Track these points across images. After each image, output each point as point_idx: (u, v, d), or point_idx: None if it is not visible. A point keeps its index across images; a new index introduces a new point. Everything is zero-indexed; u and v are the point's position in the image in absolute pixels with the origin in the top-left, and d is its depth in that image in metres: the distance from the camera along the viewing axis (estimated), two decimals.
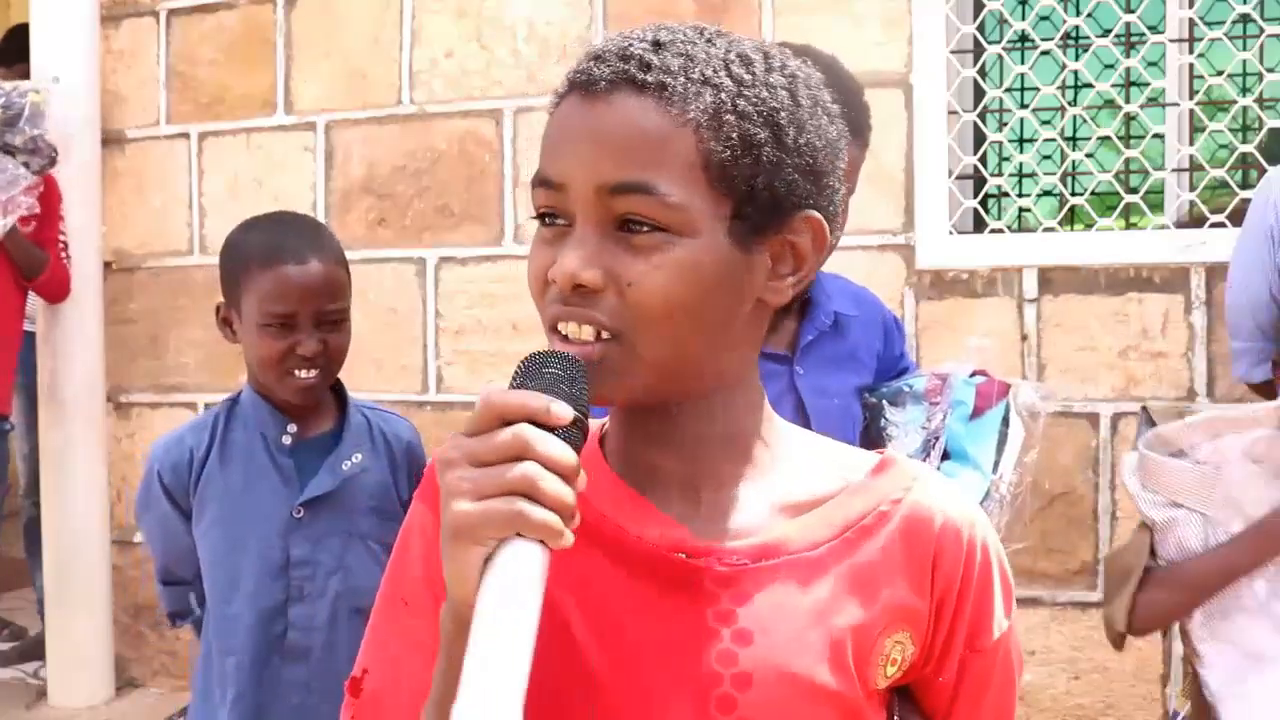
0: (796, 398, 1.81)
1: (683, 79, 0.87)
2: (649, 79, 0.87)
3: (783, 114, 0.89)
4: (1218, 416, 1.77)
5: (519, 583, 0.76)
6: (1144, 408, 1.99)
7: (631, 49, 0.89)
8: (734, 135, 0.87)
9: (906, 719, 0.97)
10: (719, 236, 0.87)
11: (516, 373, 0.83)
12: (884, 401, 1.88)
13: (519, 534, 0.76)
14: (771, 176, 0.88)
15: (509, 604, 0.75)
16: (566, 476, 0.78)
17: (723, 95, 0.87)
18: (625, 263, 0.86)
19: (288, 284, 1.91)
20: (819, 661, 0.90)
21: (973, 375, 1.90)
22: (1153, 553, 1.83)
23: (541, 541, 0.77)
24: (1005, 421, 1.85)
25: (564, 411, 0.79)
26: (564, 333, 0.88)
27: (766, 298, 0.92)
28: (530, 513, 0.76)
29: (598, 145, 0.87)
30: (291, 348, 1.93)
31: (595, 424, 0.98)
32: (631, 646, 0.89)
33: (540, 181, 0.90)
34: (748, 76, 0.89)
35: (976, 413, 1.85)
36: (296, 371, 1.94)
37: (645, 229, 0.86)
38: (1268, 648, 1.75)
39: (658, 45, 0.89)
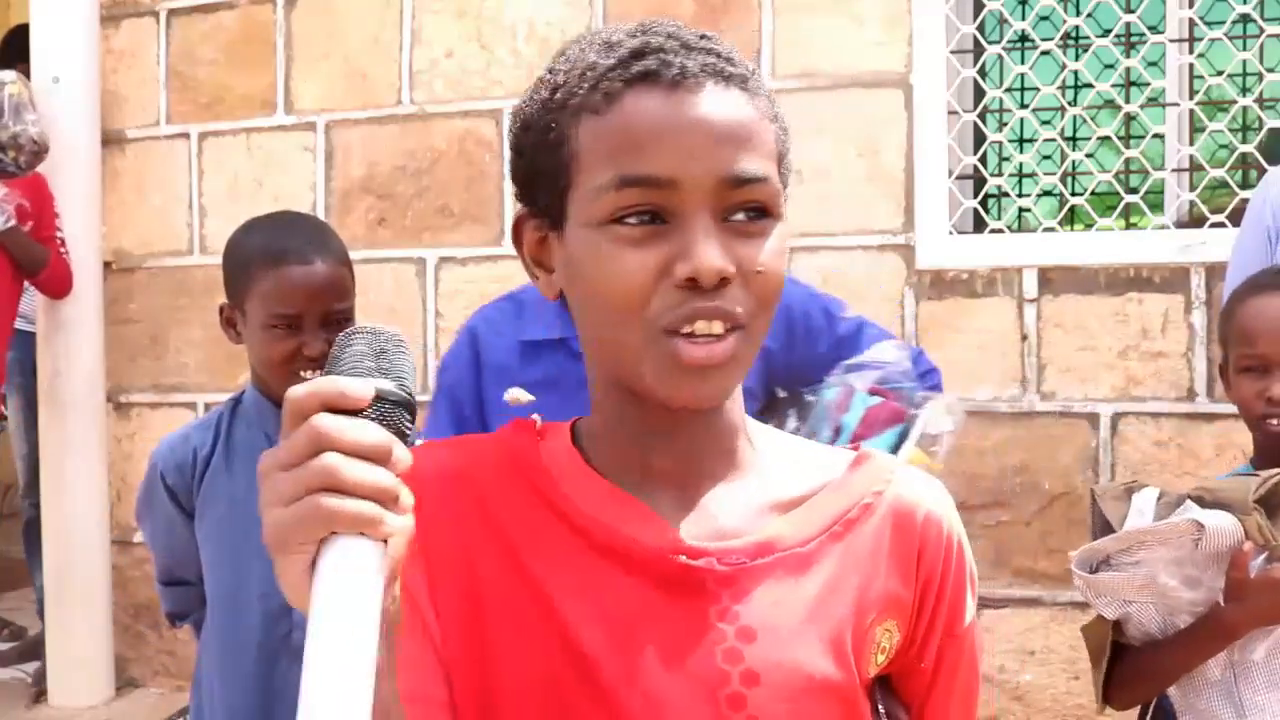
0: None
1: (747, 71, 0.90)
2: (734, 70, 0.89)
3: (775, 103, 0.94)
4: (1136, 531, 1.78)
5: (343, 584, 0.70)
6: (1092, 490, 2.01)
7: (691, 41, 0.90)
8: (783, 123, 0.92)
9: (889, 707, 1.00)
10: (785, 219, 0.91)
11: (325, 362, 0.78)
12: (789, 410, 1.80)
13: (334, 532, 0.70)
14: (786, 155, 0.93)
15: (336, 609, 0.70)
16: (377, 459, 0.71)
17: (759, 83, 0.91)
18: (748, 250, 0.86)
19: (293, 285, 1.91)
20: (821, 654, 0.91)
21: (872, 394, 1.83)
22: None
23: (363, 534, 0.71)
24: (894, 451, 1.80)
25: (359, 390, 0.73)
26: (693, 332, 0.85)
27: None
28: (336, 507, 0.70)
29: (712, 137, 0.86)
30: (298, 349, 1.92)
31: (547, 422, 0.99)
32: (639, 651, 0.89)
33: (638, 180, 0.85)
34: (752, 67, 0.93)
35: (857, 439, 1.77)
36: (302, 373, 1.94)
37: (762, 216, 0.88)
38: None
39: (705, 37, 0.91)
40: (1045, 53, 3.47)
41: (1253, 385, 1.95)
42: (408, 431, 0.76)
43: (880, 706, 0.98)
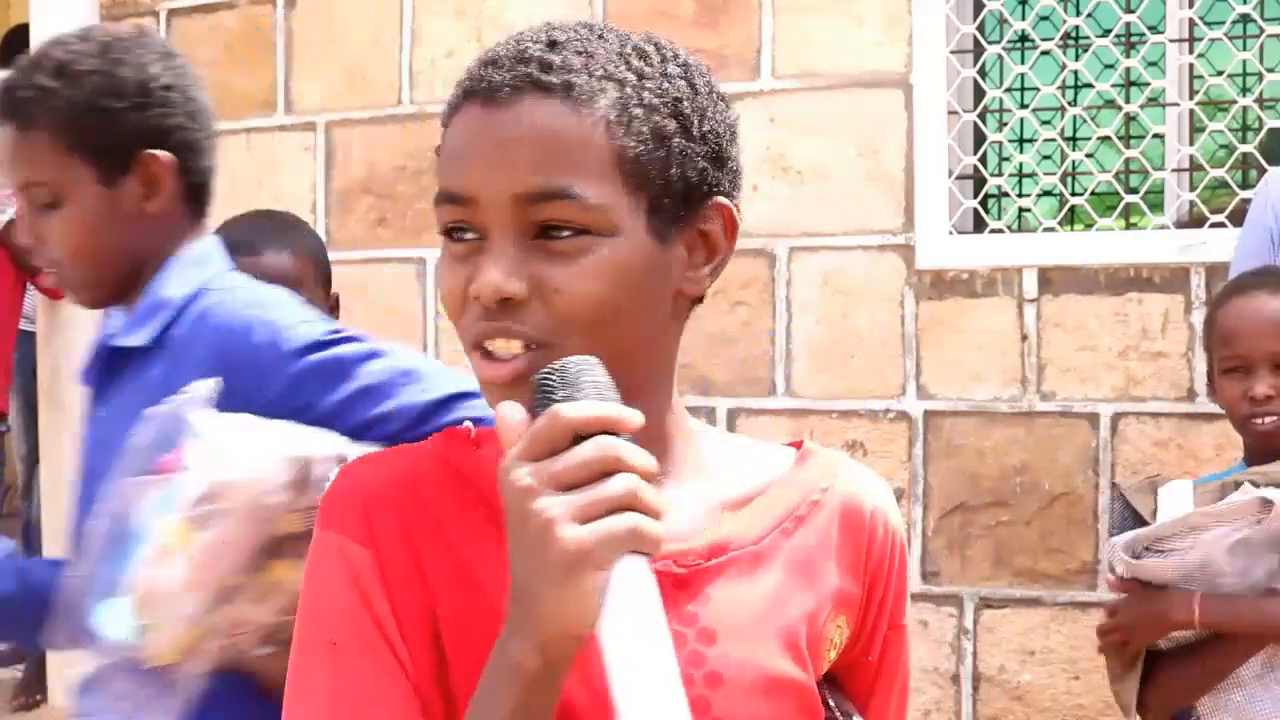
0: None
1: (585, 76, 0.86)
2: (554, 80, 0.85)
3: (685, 103, 0.89)
4: (1196, 513, 1.78)
5: (646, 599, 0.74)
6: (1114, 484, 2.01)
7: (528, 51, 0.87)
8: (644, 129, 0.86)
9: (838, 702, 0.99)
10: (639, 233, 0.86)
11: (554, 384, 0.78)
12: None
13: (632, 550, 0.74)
14: (683, 166, 0.88)
15: (645, 622, 0.73)
16: (653, 481, 0.75)
17: (627, 89, 0.86)
18: (549, 270, 0.84)
19: None
20: (779, 652, 0.91)
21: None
22: None
23: (646, 554, 0.74)
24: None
25: (636, 416, 0.76)
26: (490, 350, 0.85)
27: (685, 289, 0.91)
28: (647, 527, 0.73)
29: (508, 153, 0.84)
30: None
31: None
32: (599, 659, 0.85)
33: (446, 197, 0.87)
34: (647, 69, 0.88)
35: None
36: None
37: (566, 233, 0.84)
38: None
39: (553, 45, 0.88)
40: (1045, 53, 3.47)
41: (1236, 386, 1.96)
42: None
43: (830, 701, 0.97)
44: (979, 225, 3.54)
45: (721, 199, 0.91)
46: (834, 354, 3.50)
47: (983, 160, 3.52)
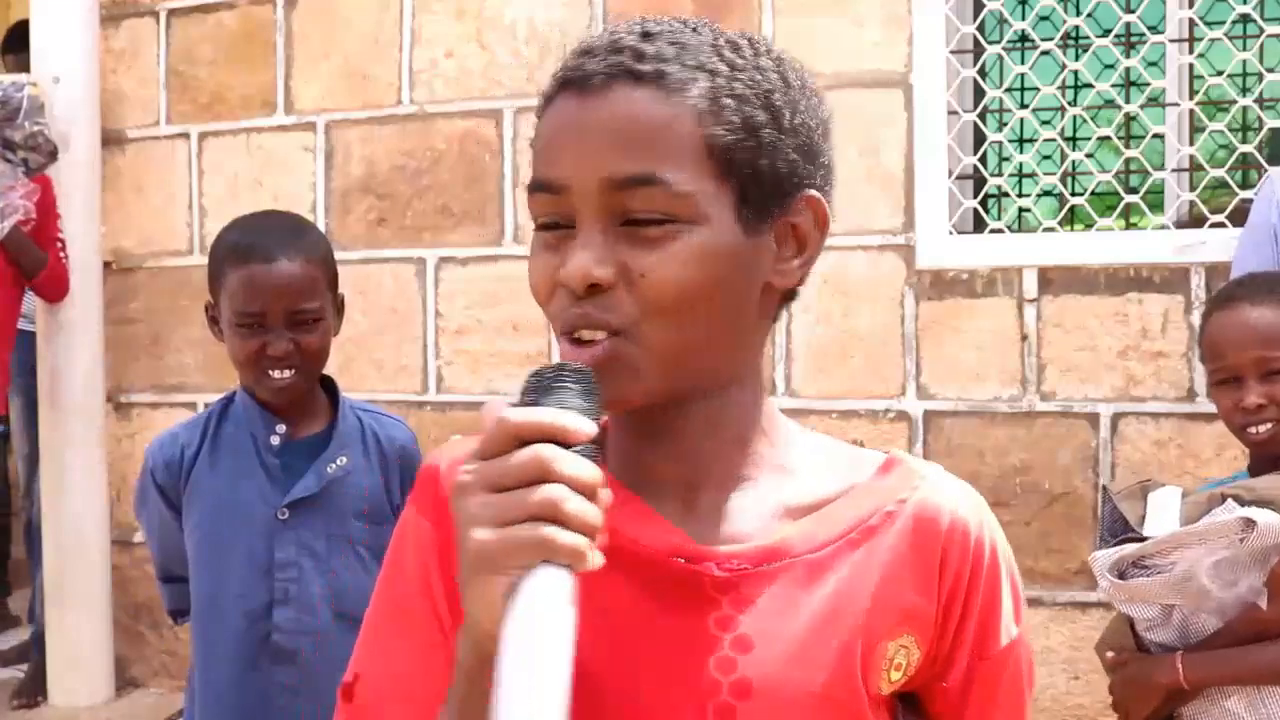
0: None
1: (678, 66, 0.86)
2: (645, 69, 0.85)
3: (777, 95, 0.89)
4: (1180, 534, 1.78)
5: (548, 612, 0.72)
6: (1104, 488, 2.01)
7: (622, 41, 0.87)
8: (734, 119, 0.86)
9: None
10: (727, 222, 0.86)
11: (526, 388, 0.79)
12: None
13: (544, 560, 0.73)
14: (772, 158, 0.88)
15: (540, 635, 0.71)
16: (590, 495, 0.74)
17: (719, 80, 0.87)
18: (636, 256, 0.84)
19: (255, 283, 1.91)
20: (821, 667, 0.88)
21: None
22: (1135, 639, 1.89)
23: (568, 565, 0.73)
24: None
25: (584, 427, 0.76)
26: (580, 338, 0.85)
27: (774, 281, 0.91)
28: (557, 538, 0.72)
29: (598, 140, 0.85)
30: (262, 347, 1.92)
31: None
32: (630, 653, 0.87)
33: (538, 186, 0.88)
34: (739, 60, 0.88)
35: None
36: (270, 372, 1.94)
37: (655, 221, 0.84)
38: None
39: (647, 35, 0.88)
40: (1045, 53, 3.47)
41: (1228, 397, 1.98)
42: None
43: None
44: (979, 225, 3.54)
45: (813, 192, 0.91)
46: (834, 354, 3.50)
47: (983, 160, 3.52)
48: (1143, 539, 1.80)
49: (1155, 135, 3.48)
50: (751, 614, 0.88)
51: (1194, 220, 3.32)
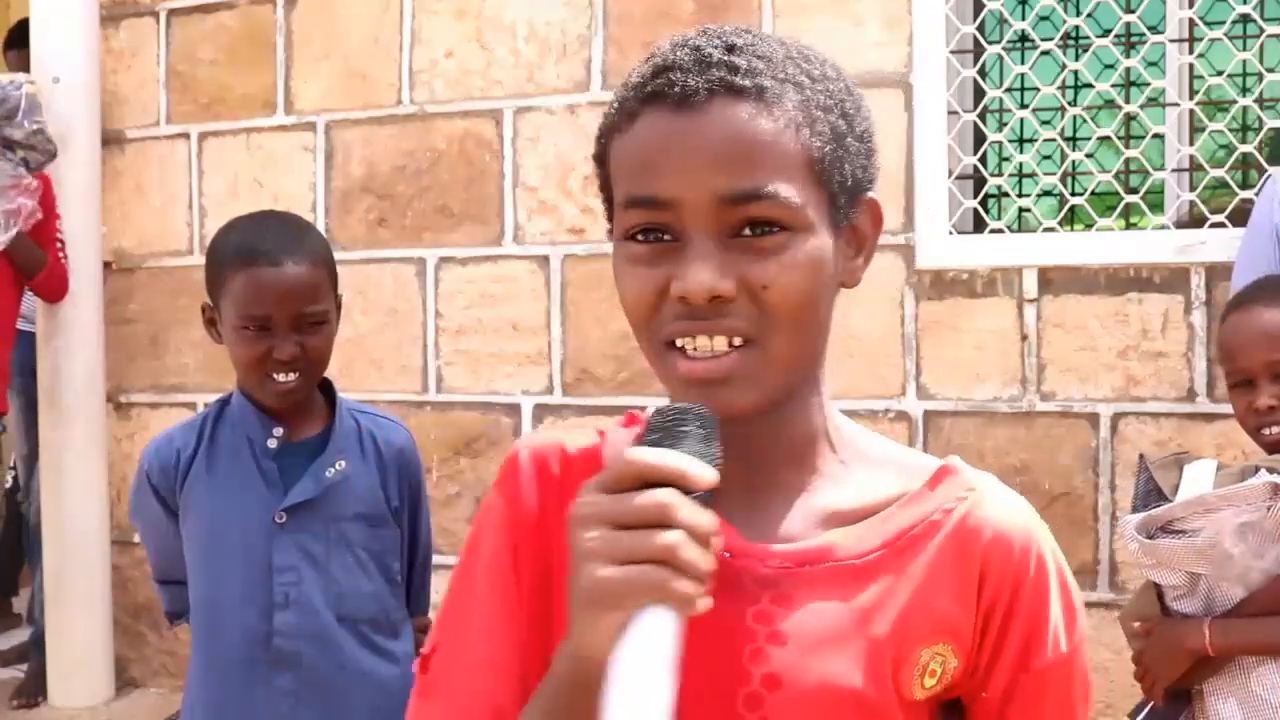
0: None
1: (770, 79, 0.88)
2: (745, 83, 0.87)
3: (848, 103, 0.93)
4: (1209, 495, 1.79)
5: (657, 652, 0.75)
6: (1141, 456, 2.02)
7: (711, 56, 0.88)
8: (824, 129, 0.90)
9: None
10: (825, 229, 0.90)
11: (651, 427, 0.82)
12: None
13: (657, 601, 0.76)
14: (852, 164, 0.92)
15: (648, 676, 0.74)
16: (704, 543, 0.77)
17: (805, 91, 0.89)
18: (755, 267, 0.86)
19: (261, 287, 1.89)
20: (852, 668, 0.89)
21: None
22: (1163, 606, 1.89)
23: (673, 607, 0.76)
24: None
25: (706, 475, 0.78)
26: (689, 348, 0.87)
27: (845, 280, 0.95)
28: (674, 584, 0.75)
29: (708, 155, 0.86)
30: (268, 351, 1.90)
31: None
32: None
33: (642, 201, 0.88)
34: (814, 71, 0.91)
35: None
36: (275, 375, 1.92)
37: (771, 232, 0.87)
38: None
39: (731, 48, 0.89)
40: (1045, 53, 3.47)
41: (1242, 399, 2.00)
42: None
43: None
44: (979, 225, 3.54)
45: (872, 194, 0.96)
46: (833, 354, 3.45)
47: (983, 160, 3.52)
48: None
49: (1155, 135, 3.48)
50: (790, 611, 0.90)
51: (1194, 220, 3.32)
